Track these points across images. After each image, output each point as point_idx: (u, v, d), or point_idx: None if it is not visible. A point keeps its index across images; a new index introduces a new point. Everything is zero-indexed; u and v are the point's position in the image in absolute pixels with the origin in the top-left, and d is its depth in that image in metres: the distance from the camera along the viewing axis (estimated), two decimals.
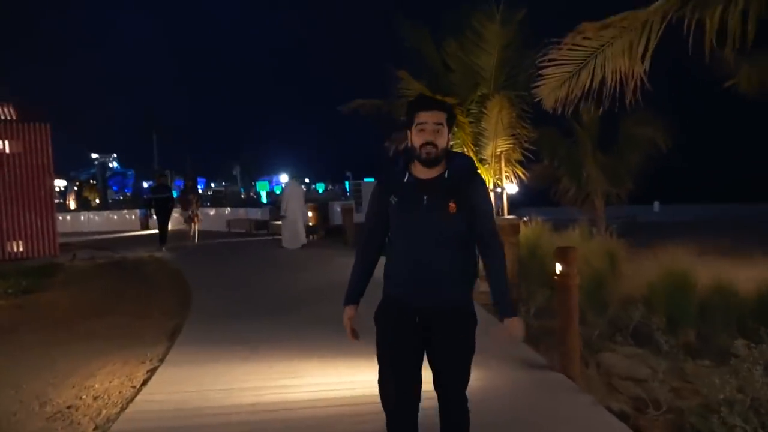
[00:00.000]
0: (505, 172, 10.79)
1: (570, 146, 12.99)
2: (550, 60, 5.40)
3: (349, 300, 2.55)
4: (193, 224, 15.78)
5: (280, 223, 18.40)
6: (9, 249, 12.51)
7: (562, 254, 4.30)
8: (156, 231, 14.66)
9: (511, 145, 10.62)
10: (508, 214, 11.07)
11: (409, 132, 2.47)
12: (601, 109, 5.97)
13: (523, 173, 10.88)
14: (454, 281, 2.43)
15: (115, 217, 25.53)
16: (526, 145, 10.70)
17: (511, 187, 10.89)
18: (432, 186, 2.40)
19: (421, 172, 2.43)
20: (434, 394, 2.55)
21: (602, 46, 5.04)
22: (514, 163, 10.91)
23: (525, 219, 9.58)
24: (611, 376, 4.78)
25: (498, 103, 9.78)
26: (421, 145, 2.36)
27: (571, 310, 4.33)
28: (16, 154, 12.53)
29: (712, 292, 5.52)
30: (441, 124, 2.38)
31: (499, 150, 10.55)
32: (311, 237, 16.16)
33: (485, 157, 10.62)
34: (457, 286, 2.44)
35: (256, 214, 21.17)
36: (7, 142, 12.47)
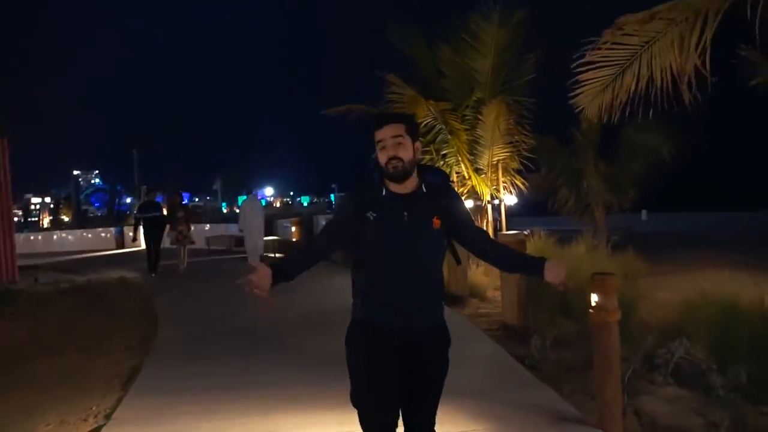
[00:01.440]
0: (503, 182, 10.03)
1: (569, 155, 12.27)
2: (587, 63, 4.68)
3: (271, 264, 2.33)
4: (181, 247, 12.67)
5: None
6: None
7: (599, 283, 3.48)
8: (134, 249, 13.56)
9: (508, 154, 9.88)
10: (506, 227, 10.30)
11: (376, 154, 2.37)
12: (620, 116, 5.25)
13: (522, 183, 10.13)
14: (433, 299, 2.38)
15: (90, 235, 24.40)
16: (525, 153, 9.98)
17: (510, 199, 10.11)
18: (410, 201, 2.32)
19: (396, 187, 2.34)
20: None
21: (647, 42, 4.33)
22: (512, 172, 10.16)
23: (527, 233, 8.83)
24: (656, 428, 3.95)
25: (495, 109, 9.04)
26: (386, 162, 2.29)
27: (611, 353, 3.51)
28: None
29: (759, 320, 4.72)
30: (400, 136, 2.30)
31: (495, 159, 9.80)
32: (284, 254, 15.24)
33: (481, 167, 9.86)
34: (435, 304, 2.39)
35: (236, 230, 20.18)
36: None
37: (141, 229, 12.41)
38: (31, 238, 25.54)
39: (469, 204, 9.83)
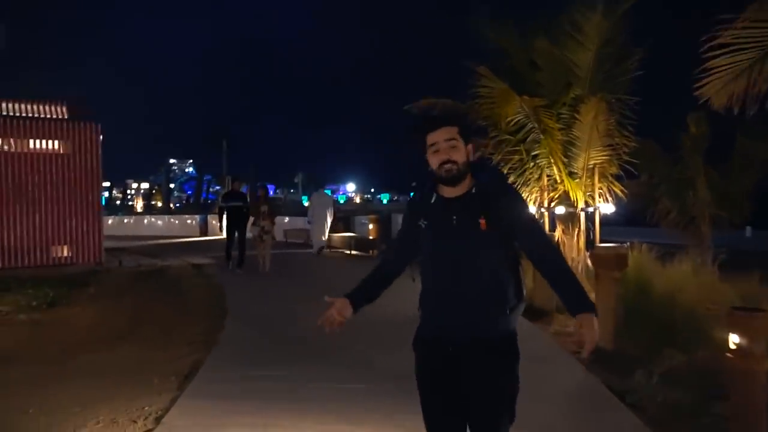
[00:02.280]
0: (599, 188, 9.13)
1: (674, 162, 11.12)
2: (719, 46, 3.94)
3: (348, 294, 2.33)
4: (261, 244, 11.57)
5: (338, 235, 17.33)
6: (54, 254, 11.82)
7: (743, 321, 2.75)
8: (216, 237, 13.29)
9: (606, 157, 8.96)
10: (600, 237, 9.37)
11: (427, 156, 2.27)
12: None
13: (621, 191, 9.19)
14: (489, 309, 2.18)
15: (176, 222, 25.26)
16: (626, 157, 9.03)
17: (607, 207, 9.19)
18: (460, 204, 2.22)
19: (447, 191, 2.25)
20: None
21: None
22: (610, 178, 9.23)
23: (627, 245, 7.93)
24: None
25: (594, 107, 8.18)
26: (439, 166, 2.21)
27: (758, 407, 2.76)
28: (64, 154, 11.90)
29: None
30: (454, 139, 2.22)
31: (592, 162, 8.91)
32: (370, 252, 14.91)
33: (576, 170, 9.01)
34: (492, 314, 2.19)
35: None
36: (55, 142, 11.83)
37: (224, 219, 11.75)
38: (125, 221, 26.74)
39: (560, 210, 9.01)
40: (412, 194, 2.42)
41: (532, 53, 9.05)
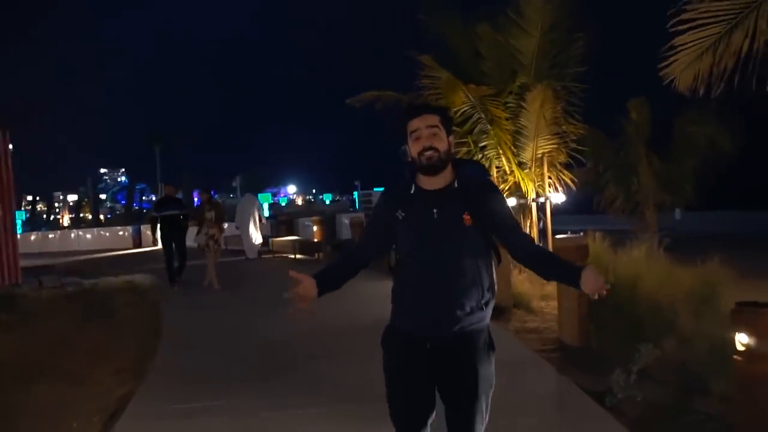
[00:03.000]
0: (549, 177, 8.95)
1: (618, 148, 11.11)
2: (684, 22, 3.69)
3: (315, 274, 2.22)
4: (210, 254, 10.38)
5: (281, 239, 16.66)
6: None
7: (752, 318, 2.42)
8: (151, 249, 11.75)
9: (555, 146, 8.79)
10: (552, 227, 9.19)
11: (407, 147, 2.24)
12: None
13: (570, 180, 9.03)
14: (470, 303, 2.15)
15: (107, 234, 23.83)
16: (573, 145, 8.89)
17: (557, 197, 9.01)
18: (441, 197, 2.17)
19: (427, 182, 2.20)
20: None
21: None
22: (558, 167, 9.07)
23: (580, 234, 7.73)
24: None
25: (540, 95, 7.96)
26: (419, 153, 2.16)
27: None
28: None
29: None
30: (436, 126, 2.18)
31: (540, 151, 8.72)
32: (316, 255, 14.34)
33: (525, 161, 8.78)
34: (472, 308, 2.16)
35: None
36: None
37: (159, 230, 10.50)
38: (50, 236, 25.08)
39: (511, 202, 8.75)
40: (384, 187, 2.39)
41: (476, 41, 8.77)
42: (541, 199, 8.76)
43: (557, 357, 5.43)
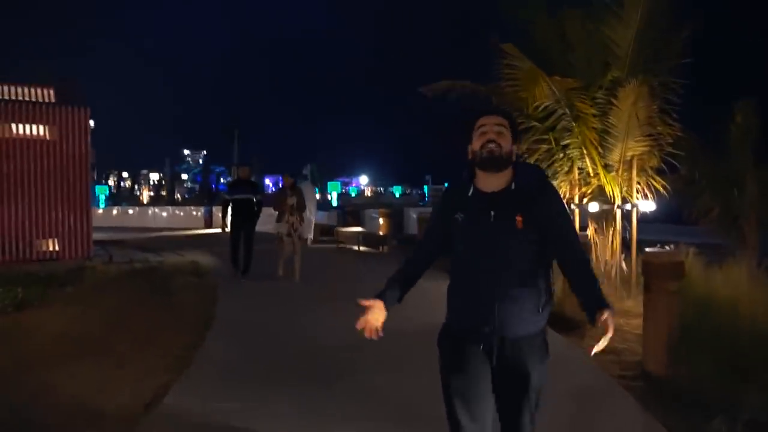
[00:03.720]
0: (637, 183, 8.12)
1: (717, 155, 10.03)
2: None
3: (379, 295, 2.26)
4: (289, 243, 9.29)
5: (346, 230, 16.45)
6: (39, 248, 10.88)
7: None
8: (220, 231, 10.38)
9: (646, 148, 7.95)
10: (636, 237, 8.33)
11: (469, 147, 2.23)
12: None
13: (663, 187, 8.17)
14: (523, 307, 2.15)
15: (181, 213, 24.53)
16: (669, 148, 8.02)
17: (647, 204, 8.17)
18: (499, 199, 2.16)
19: (485, 184, 2.21)
20: None
21: None
22: (650, 171, 8.22)
23: (668, 247, 6.91)
24: None
25: (634, 91, 7.17)
26: (482, 146, 2.16)
27: None
28: (51, 141, 10.94)
29: None
30: (502, 125, 2.19)
31: (630, 154, 7.91)
32: (380, 248, 14.00)
33: (611, 163, 8.00)
34: (526, 312, 2.15)
35: (322, 218, 19.26)
36: (40, 128, 10.87)
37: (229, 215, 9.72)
38: (129, 212, 26.12)
39: (593, 207, 8.00)
40: (446, 185, 2.38)
41: (564, 30, 8.04)
42: (628, 206, 7.95)
43: (639, 387, 4.75)
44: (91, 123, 11.72)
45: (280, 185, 10.13)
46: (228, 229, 9.88)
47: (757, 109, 9.28)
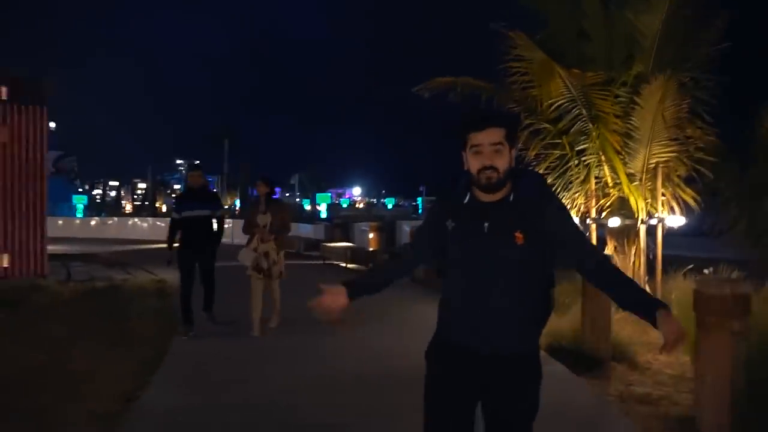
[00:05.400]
0: (663, 194, 7.09)
1: (744, 163, 9.09)
2: None
3: (345, 281, 2.17)
4: (260, 283, 6.46)
5: (333, 245, 15.34)
6: None
7: None
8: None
9: (673, 155, 6.95)
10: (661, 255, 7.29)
11: (464, 154, 2.09)
12: None
13: (693, 198, 7.15)
14: (517, 324, 2.05)
15: (162, 224, 23.38)
16: (700, 154, 7.02)
17: (674, 220, 7.13)
18: (494, 211, 2.05)
19: (482, 194, 2.08)
20: None
21: None
22: (676, 180, 7.21)
23: (707, 271, 5.93)
24: None
25: (660, 88, 6.16)
26: (479, 171, 2.02)
27: None
28: (1, 143, 9.81)
29: None
30: (500, 143, 2.01)
31: (654, 160, 6.90)
32: (369, 266, 12.89)
33: (634, 171, 6.98)
34: (519, 329, 2.06)
35: (308, 231, 18.14)
36: None
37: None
38: (108, 222, 24.99)
39: (613, 222, 6.95)
40: (442, 189, 2.29)
41: (580, 18, 7.04)
42: (653, 221, 6.92)
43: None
44: (52, 125, 10.62)
45: (255, 196, 6.90)
46: (175, 261, 6.55)
47: None
